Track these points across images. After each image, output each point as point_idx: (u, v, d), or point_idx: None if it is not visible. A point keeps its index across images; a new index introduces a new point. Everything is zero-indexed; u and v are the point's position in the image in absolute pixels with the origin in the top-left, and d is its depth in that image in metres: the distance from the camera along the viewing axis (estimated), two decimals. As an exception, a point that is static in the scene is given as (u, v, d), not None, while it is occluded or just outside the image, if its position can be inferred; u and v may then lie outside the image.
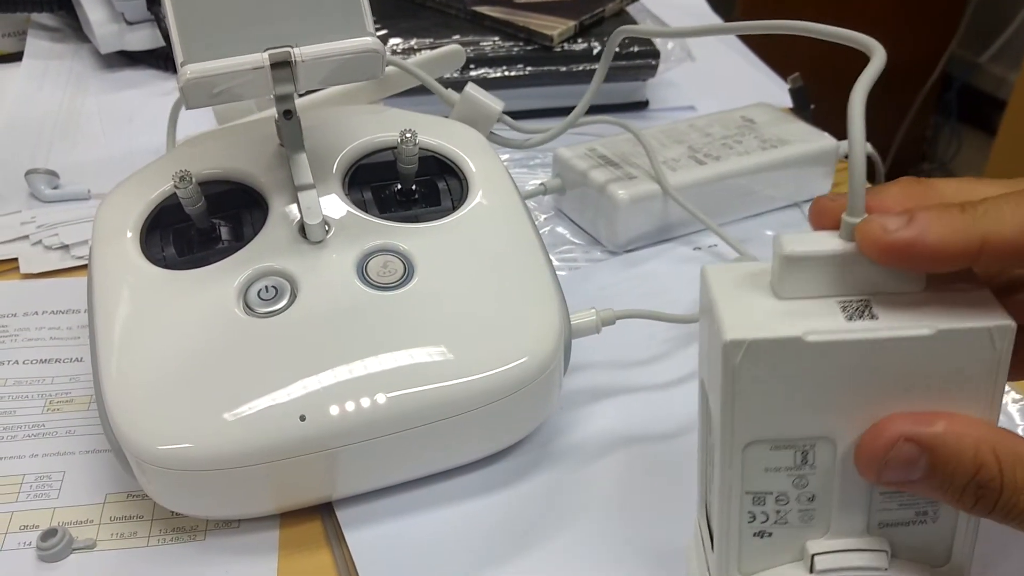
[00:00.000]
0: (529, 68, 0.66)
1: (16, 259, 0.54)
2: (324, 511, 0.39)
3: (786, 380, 0.28)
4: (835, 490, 0.30)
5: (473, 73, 0.65)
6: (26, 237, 0.56)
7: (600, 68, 0.53)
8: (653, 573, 0.37)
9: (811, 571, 0.31)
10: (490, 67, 0.66)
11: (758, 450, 0.30)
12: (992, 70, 2.00)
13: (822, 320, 0.28)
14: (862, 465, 0.29)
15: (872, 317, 0.28)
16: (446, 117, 0.50)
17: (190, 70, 0.36)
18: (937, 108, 2.10)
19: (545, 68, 0.67)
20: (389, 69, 0.53)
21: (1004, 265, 0.30)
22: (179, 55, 0.36)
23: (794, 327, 0.28)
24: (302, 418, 0.35)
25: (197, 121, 0.57)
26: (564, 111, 0.57)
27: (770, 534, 0.32)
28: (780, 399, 0.29)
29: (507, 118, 0.55)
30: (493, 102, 0.54)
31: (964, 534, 0.31)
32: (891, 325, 0.28)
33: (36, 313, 0.50)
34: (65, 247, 0.55)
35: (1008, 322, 0.27)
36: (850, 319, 0.28)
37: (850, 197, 0.28)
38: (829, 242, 0.28)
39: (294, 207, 0.41)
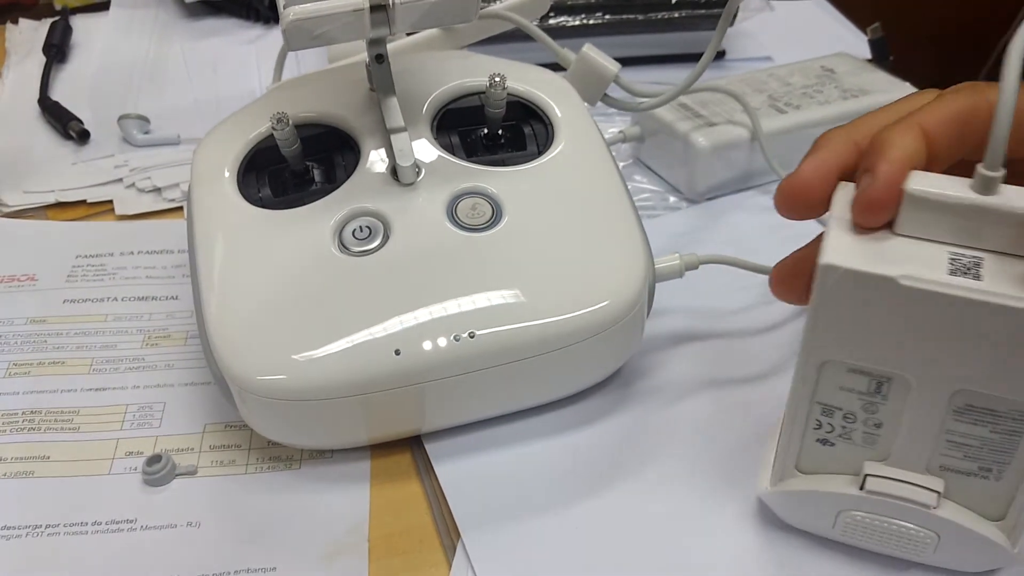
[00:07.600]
0: (608, 16, 0.66)
1: (111, 201, 0.56)
2: (413, 444, 0.41)
3: (873, 314, 0.28)
4: (903, 425, 0.31)
5: (552, 21, 0.65)
6: (120, 180, 0.58)
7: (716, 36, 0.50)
8: (733, 510, 0.37)
9: (861, 488, 0.32)
10: (569, 15, 0.66)
11: (835, 368, 0.30)
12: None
13: (923, 267, 0.27)
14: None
15: (976, 277, 0.27)
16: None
17: (292, 12, 0.37)
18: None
19: (623, 17, 0.67)
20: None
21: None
22: (281, -2, 0.37)
23: (892, 267, 0.27)
24: (397, 352, 0.36)
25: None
26: (642, 60, 0.57)
27: (832, 444, 0.32)
28: (864, 329, 0.29)
29: (623, 79, 0.51)
30: (610, 64, 0.51)
31: None
32: (990, 289, 0.26)
33: (132, 253, 0.52)
34: (157, 190, 0.57)
35: None
36: (953, 273, 0.27)
37: (990, 147, 0.27)
38: (958, 189, 0.27)
39: (385, 150, 0.42)
